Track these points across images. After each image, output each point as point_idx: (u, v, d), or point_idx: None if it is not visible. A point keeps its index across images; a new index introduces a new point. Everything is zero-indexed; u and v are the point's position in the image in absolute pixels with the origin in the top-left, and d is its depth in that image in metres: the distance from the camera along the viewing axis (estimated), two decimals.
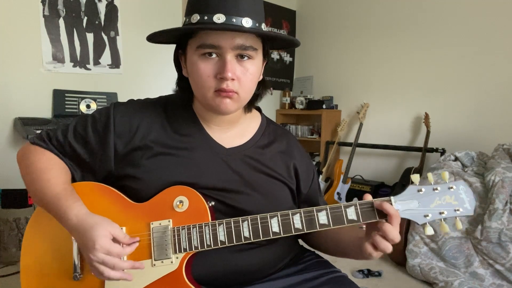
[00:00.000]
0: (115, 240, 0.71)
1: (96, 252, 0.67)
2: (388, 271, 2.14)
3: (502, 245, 1.82)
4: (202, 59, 0.73)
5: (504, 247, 1.81)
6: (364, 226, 0.76)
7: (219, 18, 0.69)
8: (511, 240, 1.80)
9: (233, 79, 0.73)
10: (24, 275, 0.79)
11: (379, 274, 2.08)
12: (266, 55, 0.82)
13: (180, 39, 0.79)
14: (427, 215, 0.72)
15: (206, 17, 0.70)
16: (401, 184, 2.78)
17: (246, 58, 0.74)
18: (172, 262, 0.74)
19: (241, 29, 0.70)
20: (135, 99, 0.88)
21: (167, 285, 0.74)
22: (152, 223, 0.76)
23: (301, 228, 0.73)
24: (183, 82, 0.83)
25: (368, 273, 2.07)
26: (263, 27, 0.76)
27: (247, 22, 0.71)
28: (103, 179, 0.83)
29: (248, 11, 0.71)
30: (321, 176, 3.32)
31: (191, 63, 0.76)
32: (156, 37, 0.78)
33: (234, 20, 0.70)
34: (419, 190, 0.72)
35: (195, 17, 0.72)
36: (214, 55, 0.73)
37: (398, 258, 2.15)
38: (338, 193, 3.17)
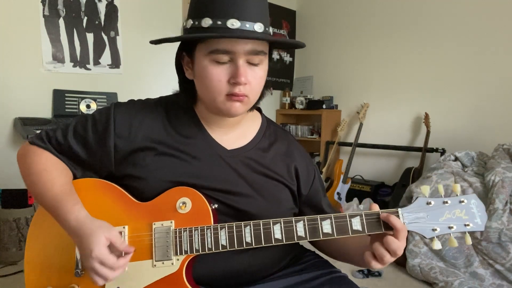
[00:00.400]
0: (112, 245, 0.70)
1: (92, 260, 0.68)
2: (388, 271, 2.14)
3: (502, 245, 1.82)
4: (214, 64, 0.72)
5: (504, 247, 1.81)
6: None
7: (233, 24, 0.68)
8: (511, 240, 1.80)
9: (245, 84, 0.73)
10: (28, 271, 0.80)
11: (379, 274, 2.08)
12: (270, 57, 0.82)
13: (187, 42, 0.78)
14: (436, 229, 0.69)
15: (219, 22, 0.69)
16: (401, 184, 2.78)
17: (256, 62, 0.74)
18: (172, 263, 0.74)
19: (258, 37, 0.70)
20: (136, 99, 0.88)
21: (167, 286, 0.74)
22: (154, 224, 0.76)
23: (304, 236, 0.72)
24: (186, 84, 0.82)
25: (368, 273, 2.08)
26: (270, 30, 0.76)
27: (260, 28, 0.71)
28: (106, 177, 0.83)
29: (259, 16, 0.71)
30: (321, 175, 3.32)
31: (200, 67, 0.74)
32: (164, 41, 0.77)
33: (248, 26, 0.69)
34: (428, 203, 0.70)
35: (207, 21, 0.70)
36: (226, 60, 0.72)
37: (398, 258, 2.15)
38: (338, 193, 3.17)
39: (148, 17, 2.87)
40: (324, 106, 3.44)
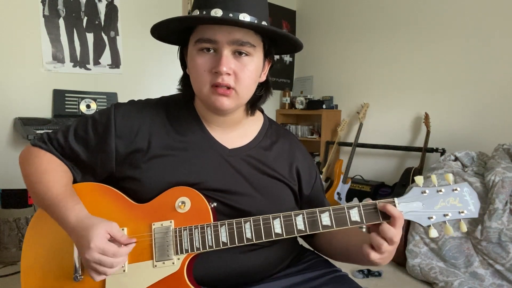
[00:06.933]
0: (112, 239, 0.70)
1: (91, 252, 0.67)
2: (388, 271, 2.14)
3: (502, 245, 1.82)
4: (200, 54, 0.74)
5: (504, 247, 1.82)
6: (364, 227, 0.75)
7: (216, 12, 0.70)
8: (511, 240, 1.80)
9: (228, 74, 0.73)
10: (25, 276, 0.79)
11: (379, 274, 2.08)
12: (268, 55, 0.81)
13: (184, 37, 0.79)
14: (431, 217, 0.71)
15: (204, 12, 0.71)
16: (401, 184, 2.78)
17: (244, 54, 0.74)
18: (173, 263, 0.74)
19: (236, 23, 0.70)
20: (136, 99, 0.88)
21: (168, 287, 0.74)
22: (153, 224, 0.76)
23: (303, 229, 0.73)
24: (186, 79, 0.83)
25: (368, 273, 2.08)
26: (264, 24, 0.74)
27: (244, 18, 0.71)
28: (104, 180, 0.83)
29: (247, 8, 0.71)
30: (321, 176, 3.32)
31: (190, 58, 0.77)
32: (159, 31, 0.77)
33: (231, 15, 0.70)
34: (423, 192, 0.72)
35: (195, 13, 0.73)
36: (211, 50, 0.73)
37: (398, 258, 2.15)
38: (338, 193, 3.17)
39: (148, 17, 2.86)
40: (324, 106, 3.44)
